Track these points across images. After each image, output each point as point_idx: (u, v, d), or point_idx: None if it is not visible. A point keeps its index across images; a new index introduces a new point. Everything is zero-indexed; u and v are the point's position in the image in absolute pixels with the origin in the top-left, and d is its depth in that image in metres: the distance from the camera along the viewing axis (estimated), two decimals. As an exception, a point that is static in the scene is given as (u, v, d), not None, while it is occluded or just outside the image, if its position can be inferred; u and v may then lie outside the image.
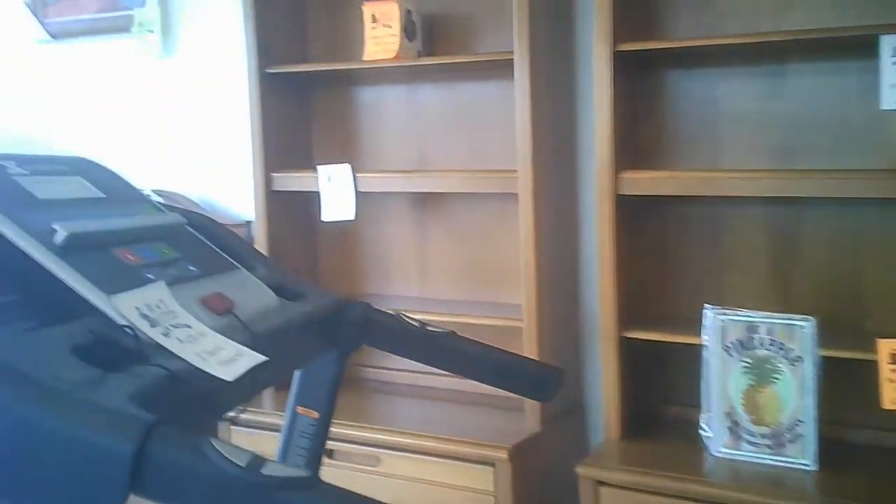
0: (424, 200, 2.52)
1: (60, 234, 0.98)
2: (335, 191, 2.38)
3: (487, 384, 1.48)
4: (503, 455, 2.02)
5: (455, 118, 2.45)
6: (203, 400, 0.95)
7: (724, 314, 1.89)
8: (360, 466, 2.18)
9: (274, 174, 2.48)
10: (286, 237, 2.56)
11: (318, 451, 1.41)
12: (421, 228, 2.55)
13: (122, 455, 0.73)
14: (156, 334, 0.91)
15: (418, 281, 2.56)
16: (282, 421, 1.41)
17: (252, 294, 1.16)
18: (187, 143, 2.92)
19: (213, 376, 0.90)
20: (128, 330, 0.91)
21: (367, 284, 2.63)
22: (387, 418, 2.31)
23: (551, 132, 2.20)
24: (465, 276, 2.49)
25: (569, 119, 2.32)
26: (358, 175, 2.36)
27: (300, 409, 1.41)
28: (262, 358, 0.95)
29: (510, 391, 1.58)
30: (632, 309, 2.08)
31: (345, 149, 2.60)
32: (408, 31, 2.32)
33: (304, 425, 1.40)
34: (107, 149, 2.94)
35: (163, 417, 0.76)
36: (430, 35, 2.42)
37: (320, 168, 2.40)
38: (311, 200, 2.52)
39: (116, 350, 0.87)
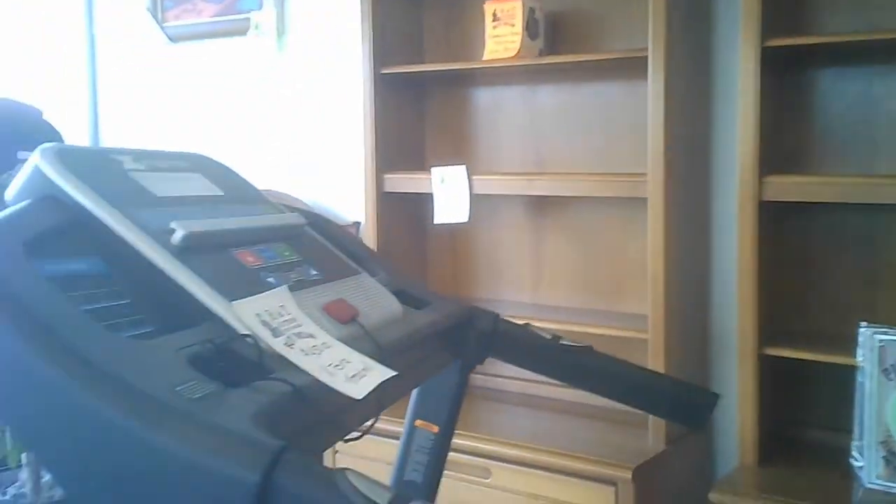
0: (542, 204, 2.41)
1: (178, 234, 0.90)
2: (449, 193, 2.29)
3: (628, 405, 1.35)
4: (626, 475, 1.89)
5: (576, 120, 2.34)
6: (325, 419, 0.86)
7: (885, 333, 1.70)
8: (469, 478, 2.08)
9: (386, 175, 2.42)
10: (396, 239, 2.49)
11: (437, 466, 1.32)
12: (537, 232, 2.43)
13: (247, 485, 0.64)
14: (279, 345, 0.83)
15: (532, 287, 2.45)
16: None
17: (376, 301, 1.07)
18: (297, 143, 2.89)
19: (339, 393, 0.81)
20: (249, 340, 0.83)
21: (478, 289, 2.54)
22: (498, 428, 2.20)
23: (685, 133, 2.05)
24: (582, 283, 2.36)
25: (705, 119, 2.16)
26: (475, 177, 2.27)
27: (419, 423, 1.31)
28: (392, 372, 0.85)
29: (655, 415, 1.45)
30: (772, 324, 1.91)
31: (459, 150, 2.51)
32: (530, 29, 2.21)
33: (423, 439, 1.31)
34: (218, 148, 2.94)
35: (287, 440, 0.67)
36: (552, 33, 2.30)
37: (434, 170, 2.32)
38: (422, 202, 2.45)
39: (237, 362, 0.79)
